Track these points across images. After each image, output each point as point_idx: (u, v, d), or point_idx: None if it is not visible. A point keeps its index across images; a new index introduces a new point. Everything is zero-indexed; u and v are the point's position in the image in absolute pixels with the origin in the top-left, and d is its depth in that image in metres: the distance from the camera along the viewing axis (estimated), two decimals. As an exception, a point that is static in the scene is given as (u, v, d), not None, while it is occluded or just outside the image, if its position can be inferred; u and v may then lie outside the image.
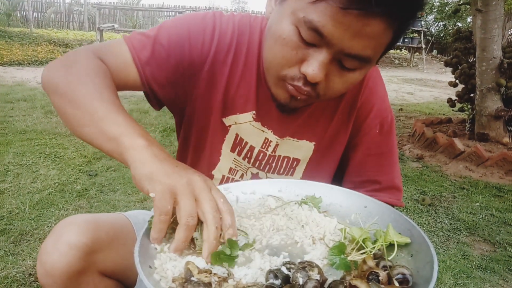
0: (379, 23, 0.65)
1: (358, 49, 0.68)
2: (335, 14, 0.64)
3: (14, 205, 2.34)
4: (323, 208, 0.85)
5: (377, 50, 0.71)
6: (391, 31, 0.68)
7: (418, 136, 4.30)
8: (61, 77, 0.77)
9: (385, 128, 0.98)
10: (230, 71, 0.91)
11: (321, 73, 0.71)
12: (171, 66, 0.87)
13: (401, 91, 8.74)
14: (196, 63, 0.89)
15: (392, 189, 1.00)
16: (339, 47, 0.68)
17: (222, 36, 0.89)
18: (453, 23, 15.79)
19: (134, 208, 2.43)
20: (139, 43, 0.86)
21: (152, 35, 0.87)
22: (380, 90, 0.98)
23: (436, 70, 13.60)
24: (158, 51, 0.86)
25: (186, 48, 0.87)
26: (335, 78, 0.74)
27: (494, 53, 3.69)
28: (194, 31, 0.88)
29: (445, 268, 2.04)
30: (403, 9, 0.65)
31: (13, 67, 8.10)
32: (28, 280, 1.71)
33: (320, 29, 0.66)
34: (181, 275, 0.60)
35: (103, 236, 0.79)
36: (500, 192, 3.12)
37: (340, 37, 0.66)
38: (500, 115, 3.83)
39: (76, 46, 10.59)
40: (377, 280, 0.59)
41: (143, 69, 0.85)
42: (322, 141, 0.99)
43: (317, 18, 0.65)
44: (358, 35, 0.66)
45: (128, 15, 16.77)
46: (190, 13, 0.93)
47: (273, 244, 0.72)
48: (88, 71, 0.77)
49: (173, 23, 0.89)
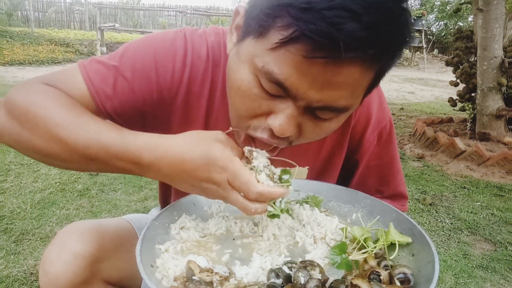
0: (354, 70, 0.54)
1: (329, 101, 0.58)
2: (299, 64, 0.54)
3: (16, 205, 2.35)
4: (324, 208, 0.85)
5: (355, 96, 0.61)
6: (372, 72, 0.57)
7: (419, 135, 4.29)
8: (23, 101, 0.65)
9: (384, 137, 0.91)
10: (209, 104, 0.81)
11: (290, 127, 0.61)
12: (137, 101, 0.76)
13: (402, 90, 8.73)
14: (166, 95, 0.78)
15: (395, 196, 0.97)
16: (307, 101, 0.58)
17: (195, 62, 0.78)
18: (454, 22, 15.76)
19: (135, 207, 2.43)
20: (97, 75, 0.74)
21: (113, 66, 0.75)
22: (376, 98, 0.89)
23: (437, 70, 13.58)
24: (120, 85, 0.74)
25: (152, 79, 0.76)
26: (309, 129, 0.64)
27: (495, 52, 3.69)
28: (161, 58, 0.76)
29: (446, 267, 2.04)
30: (383, 50, 0.54)
31: (14, 66, 8.11)
32: (29, 279, 1.71)
33: (282, 82, 0.56)
34: (183, 274, 0.60)
35: (108, 244, 0.78)
36: (501, 192, 3.11)
37: (306, 90, 0.56)
38: (501, 114, 3.83)
39: (77, 45, 10.60)
40: (379, 280, 0.59)
41: (103, 105, 0.74)
42: (316, 164, 0.92)
43: (278, 70, 0.55)
44: (328, 86, 0.55)
45: (129, 15, 16.77)
46: (157, 34, 0.80)
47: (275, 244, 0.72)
48: (46, 94, 0.67)
49: (137, 48, 0.77)
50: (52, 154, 0.65)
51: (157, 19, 17.31)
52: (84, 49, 10.54)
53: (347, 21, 0.49)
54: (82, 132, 0.63)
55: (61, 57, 9.42)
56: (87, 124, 0.64)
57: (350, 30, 0.49)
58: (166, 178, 0.65)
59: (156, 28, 15.99)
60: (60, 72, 0.76)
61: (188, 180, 0.63)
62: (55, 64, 8.91)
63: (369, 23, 0.49)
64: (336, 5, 0.49)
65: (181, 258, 0.65)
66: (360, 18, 0.49)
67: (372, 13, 0.50)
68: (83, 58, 9.21)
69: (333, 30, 0.49)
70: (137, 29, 14.26)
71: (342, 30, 0.49)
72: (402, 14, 0.54)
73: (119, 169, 0.65)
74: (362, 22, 0.49)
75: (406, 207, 0.98)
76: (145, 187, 2.70)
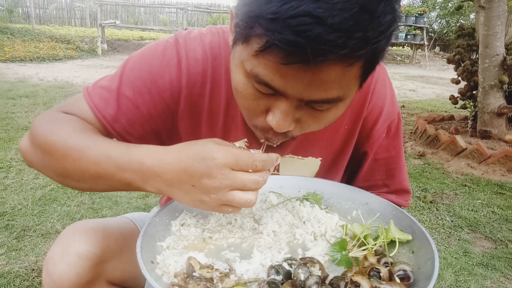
0: (334, 68, 0.54)
1: (319, 95, 0.58)
2: (278, 69, 0.55)
3: (17, 201, 2.35)
4: (324, 205, 0.85)
5: (346, 87, 0.60)
6: (357, 64, 0.56)
7: (420, 133, 4.29)
8: (47, 134, 0.72)
9: (392, 131, 0.92)
10: (211, 102, 0.83)
11: (287, 122, 0.62)
12: (143, 115, 0.80)
13: (403, 88, 8.71)
14: (169, 103, 0.81)
15: (400, 191, 0.97)
16: (297, 97, 0.59)
17: (192, 66, 0.79)
18: (456, 20, 15.71)
19: (136, 204, 2.44)
20: (101, 100, 0.78)
21: (115, 88, 0.78)
22: (388, 91, 0.90)
23: (439, 67, 13.54)
24: (124, 105, 0.78)
25: (153, 92, 0.78)
26: (308, 121, 0.65)
27: (497, 50, 3.67)
28: (157, 71, 0.78)
29: (446, 265, 2.05)
30: (358, 45, 0.51)
31: (15, 63, 8.10)
32: (30, 276, 1.72)
33: (268, 83, 0.58)
34: (183, 270, 0.61)
35: (112, 245, 0.78)
36: (502, 190, 3.11)
37: (292, 88, 0.57)
38: (502, 112, 3.82)
39: (78, 42, 10.60)
40: (378, 277, 0.60)
41: (112, 127, 0.78)
42: (329, 155, 0.92)
43: (262, 72, 0.57)
44: (311, 83, 0.56)
45: (130, 12, 16.74)
46: (149, 48, 0.83)
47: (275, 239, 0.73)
48: (66, 121, 0.74)
49: (133, 65, 0.80)
50: (68, 175, 0.70)
51: (158, 16, 17.27)
52: (85, 46, 10.54)
53: (312, 27, 0.49)
54: (91, 151, 0.67)
55: (62, 54, 9.41)
56: (96, 144, 0.68)
57: (315, 35, 0.49)
58: (167, 185, 0.63)
59: (157, 25, 15.97)
60: (74, 99, 0.82)
61: (188, 180, 0.61)
62: (56, 61, 8.90)
63: (335, 24, 0.49)
64: (300, 12, 0.49)
65: (182, 254, 0.66)
66: (324, 21, 0.48)
67: (337, 14, 0.48)
68: (84, 55, 9.17)
69: (299, 39, 0.49)
70: (137, 26, 14.27)
71: (308, 37, 0.49)
72: (374, 2, 0.51)
73: (125, 184, 0.66)
74: (327, 25, 0.48)
75: (409, 202, 0.99)
76: (146, 184, 2.69)
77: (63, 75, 7.08)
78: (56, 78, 6.72)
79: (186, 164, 0.61)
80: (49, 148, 0.70)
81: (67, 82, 6.44)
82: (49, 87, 5.78)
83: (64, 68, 8.05)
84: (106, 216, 2.30)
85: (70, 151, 0.67)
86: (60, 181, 0.74)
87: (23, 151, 0.76)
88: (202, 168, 0.60)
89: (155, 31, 13.55)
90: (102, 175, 0.66)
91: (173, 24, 16.37)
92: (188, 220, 0.76)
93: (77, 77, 6.93)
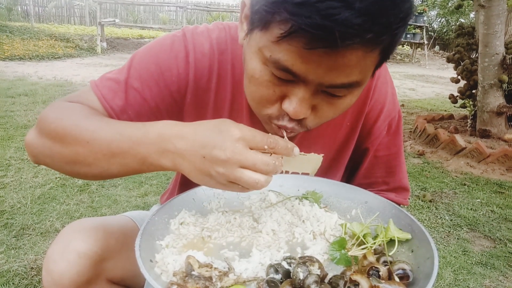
0: (356, 53, 0.56)
1: (340, 80, 0.59)
2: (302, 54, 0.56)
3: (16, 200, 2.35)
4: (323, 204, 0.85)
5: (365, 73, 0.62)
6: (376, 51, 0.58)
7: (419, 132, 4.29)
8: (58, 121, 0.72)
9: (393, 128, 0.94)
10: (216, 97, 0.84)
11: (304, 109, 0.63)
12: (151, 108, 0.80)
13: (403, 87, 8.70)
14: (176, 96, 0.82)
15: (399, 189, 0.98)
16: (317, 82, 0.60)
17: (199, 60, 0.80)
18: (455, 18, 15.69)
19: (135, 203, 2.44)
20: (109, 91, 0.79)
21: (123, 80, 0.79)
22: (389, 89, 0.91)
23: (438, 66, 13.54)
24: (132, 97, 0.79)
25: (161, 84, 0.80)
26: (324, 108, 0.66)
27: (497, 49, 3.67)
28: (164, 64, 0.79)
29: (445, 264, 2.05)
30: (382, 31, 0.54)
31: (14, 61, 8.09)
32: (29, 274, 1.72)
33: (290, 68, 0.58)
34: (182, 269, 0.61)
35: (112, 243, 0.78)
36: (501, 189, 3.11)
37: (314, 73, 0.58)
38: (502, 111, 3.82)
39: (77, 40, 10.57)
40: (378, 275, 0.60)
41: (120, 118, 0.78)
42: (331, 151, 0.93)
43: (283, 57, 0.58)
44: (333, 68, 0.57)
45: (129, 10, 16.71)
46: (157, 41, 0.83)
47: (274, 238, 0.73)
48: (74, 109, 0.75)
49: (141, 58, 0.81)
50: (80, 159, 0.68)
51: (157, 14, 17.25)
52: (84, 44, 10.51)
53: (340, 11, 0.50)
54: (104, 131, 0.67)
55: (61, 52, 9.38)
56: (109, 123, 0.68)
57: (344, 19, 0.50)
58: (179, 156, 0.61)
59: (156, 23, 15.94)
60: (81, 91, 0.82)
61: (200, 150, 0.59)
62: (55, 59, 8.88)
63: (362, 9, 0.50)
64: None
65: (181, 253, 0.66)
66: (352, 5, 0.50)
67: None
68: (83, 53, 9.13)
69: (327, 22, 0.50)
70: (137, 24, 14.23)
71: (336, 20, 0.50)
72: None
73: (139, 160, 0.64)
74: (355, 9, 0.50)
75: (408, 201, 1.00)
76: (145, 183, 2.70)
77: (62, 73, 7.07)
78: (55, 76, 6.70)
79: (202, 134, 0.60)
80: (60, 134, 0.69)
81: (66, 80, 6.43)
82: (48, 86, 5.76)
83: (64, 66, 8.03)
84: (106, 214, 2.30)
85: (82, 133, 0.67)
86: (70, 169, 0.71)
87: (30, 144, 0.74)
88: (217, 138, 0.59)
89: (154, 29, 13.53)
90: (116, 153, 0.65)
91: (172, 23, 16.34)
92: (187, 219, 0.76)
93: (76, 76, 6.92)
